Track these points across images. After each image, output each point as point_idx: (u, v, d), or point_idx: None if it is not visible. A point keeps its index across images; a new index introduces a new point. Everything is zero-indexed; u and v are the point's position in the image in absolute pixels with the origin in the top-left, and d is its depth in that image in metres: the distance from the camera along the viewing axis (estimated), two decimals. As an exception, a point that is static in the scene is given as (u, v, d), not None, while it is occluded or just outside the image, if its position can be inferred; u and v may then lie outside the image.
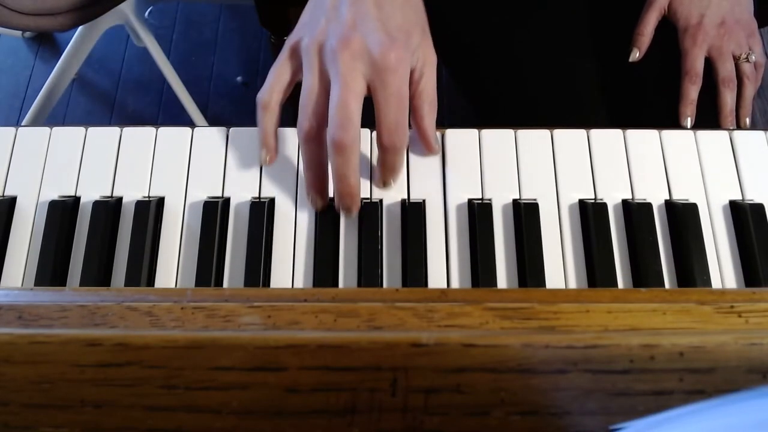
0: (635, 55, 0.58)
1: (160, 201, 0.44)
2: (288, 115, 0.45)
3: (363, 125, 0.42)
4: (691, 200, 0.44)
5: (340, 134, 0.38)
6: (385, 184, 0.44)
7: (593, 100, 0.60)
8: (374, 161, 0.45)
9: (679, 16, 0.57)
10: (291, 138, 0.46)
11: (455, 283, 0.42)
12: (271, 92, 0.42)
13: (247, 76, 1.35)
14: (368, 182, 0.45)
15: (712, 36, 0.56)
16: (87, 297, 0.32)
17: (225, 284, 0.42)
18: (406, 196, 0.45)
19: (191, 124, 0.46)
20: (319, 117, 0.40)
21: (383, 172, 0.43)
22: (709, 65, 0.57)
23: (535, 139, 0.46)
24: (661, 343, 0.27)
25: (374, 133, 0.46)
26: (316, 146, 0.41)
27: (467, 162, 0.45)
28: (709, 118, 0.56)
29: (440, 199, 0.44)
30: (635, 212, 0.44)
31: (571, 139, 0.46)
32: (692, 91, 0.55)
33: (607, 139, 0.46)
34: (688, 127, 0.55)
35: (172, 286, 0.42)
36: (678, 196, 0.45)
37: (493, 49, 0.63)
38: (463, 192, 0.45)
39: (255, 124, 0.45)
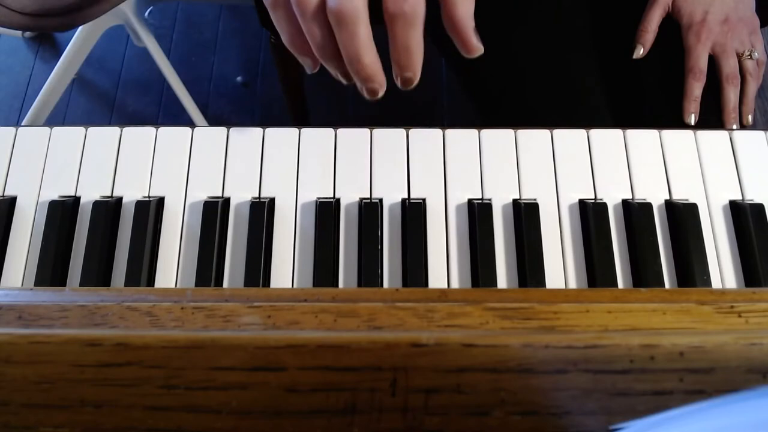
0: (639, 51, 0.58)
1: (160, 201, 0.44)
2: (287, 116, 0.45)
3: (363, 124, 0.42)
4: (691, 200, 0.44)
5: (339, 2, 0.32)
6: (402, 77, 0.36)
7: (595, 98, 0.60)
8: (374, 163, 0.45)
9: (683, 13, 0.57)
10: (291, 138, 0.46)
11: (455, 283, 0.42)
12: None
13: (247, 76, 1.35)
14: (368, 183, 0.45)
15: (715, 33, 0.56)
16: (87, 297, 0.32)
17: (225, 284, 0.42)
18: (406, 196, 0.45)
19: (191, 124, 0.46)
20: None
21: (396, 55, 0.35)
22: (712, 62, 0.57)
23: (535, 139, 0.46)
24: (661, 343, 0.27)
25: (374, 131, 0.46)
26: (317, 16, 0.34)
27: (467, 162, 0.45)
28: (712, 115, 0.56)
29: (440, 199, 0.44)
30: (635, 212, 0.44)
31: (571, 139, 0.46)
32: (696, 88, 0.55)
33: (607, 139, 0.46)
34: (692, 123, 0.55)
35: (172, 286, 0.42)
36: (678, 196, 0.45)
37: (494, 47, 0.63)
38: (463, 192, 0.45)
39: (255, 124, 0.45)
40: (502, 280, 0.42)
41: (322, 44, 0.35)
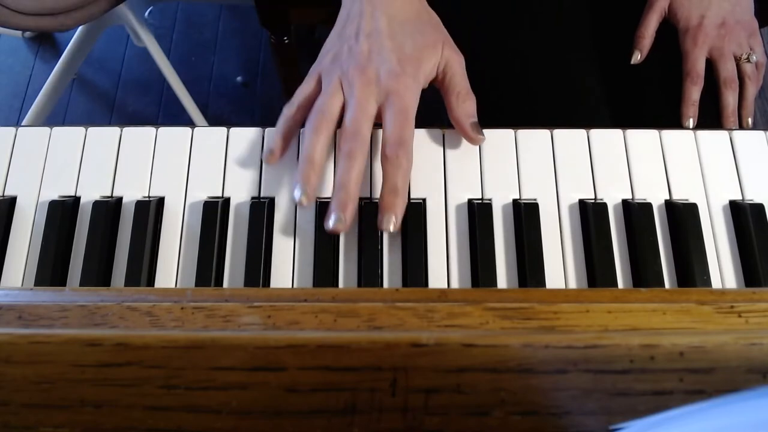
0: (637, 57, 0.58)
1: (160, 201, 0.44)
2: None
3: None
4: (691, 200, 0.44)
5: (351, 144, 0.42)
6: (386, 210, 0.41)
7: (594, 99, 0.60)
8: (374, 163, 0.45)
9: (680, 17, 0.57)
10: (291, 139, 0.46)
11: (455, 283, 0.42)
12: (296, 104, 0.46)
13: (247, 76, 1.35)
14: (368, 183, 0.45)
15: (712, 37, 0.56)
16: (87, 297, 0.32)
17: (225, 284, 0.42)
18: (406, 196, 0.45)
19: (191, 124, 0.46)
20: (333, 119, 0.44)
21: (385, 193, 0.42)
22: (711, 66, 0.57)
23: (535, 139, 0.46)
24: (661, 343, 0.27)
25: (374, 132, 0.46)
26: (324, 132, 0.44)
27: (467, 162, 0.45)
28: (710, 118, 0.56)
29: (440, 199, 0.44)
30: (635, 212, 0.44)
31: (571, 139, 0.46)
32: (694, 92, 0.55)
33: (607, 139, 0.46)
34: (690, 128, 0.54)
35: (172, 286, 0.42)
36: (678, 196, 0.45)
37: (494, 48, 0.63)
38: (463, 192, 0.45)
39: (255, 124, 0.45)
40: (502, 280, 0.42)
41: (317, 159, 0.43)
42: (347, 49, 0.45)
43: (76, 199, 0.44)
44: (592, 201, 0.44)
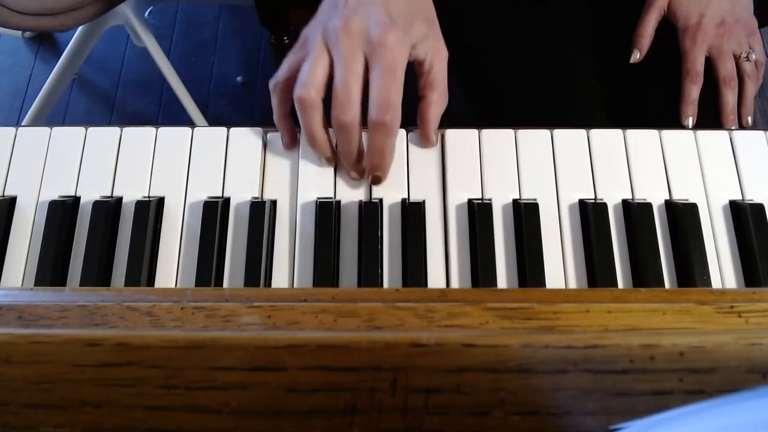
0: (636, 56, 0.58)
1: (160, 201, 0.44)
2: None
3: (363, 125, 0.42)
4: (691, 200, 0.44)
5: (342, 115, 0.40)
6: (373, 175, 0.44)
7: (594, 98, 0.60)
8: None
9: (679, 16, 0.57)
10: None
11: (455, 283, 0.42)
12: (281, 76, 0.44)
13: (247, 76, 1.35)
14: (368, 183, 0.45)
15: (711, 36, 0.56)
16: (87, 297, 0.32)
17: (225, 284, 0.42)
18: (406, 196, 0.45)
19: (191, 124, 0.46)
20: (318, 90, 0.41)
21: (371, 155, 0.43)
22: (710, 65, 0.57)
23: (535, 139, 0.46)
24: (661, 343, 0.27)
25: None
26: (313, 114, 0.42)
27: (467, 162, 0.45)
28: (710, 117, 0.56)
29: (440, 199, 0.44)
30: (635, 212, 0.44)
31: (571, 139, 0.46)
32: (693, 91, 0.55)
33: (607, 139, 0.46)
34: (690, 127, 0.54)
35: (172, 286, 0.42)
36: (678, 196, 0.45)
37: (493, 46, 0.63)
38: (463, 192, 0.45)
39: (255, 124, 0.45)
40: (502, 280, 0.42)
41: (317, 138, 0.43)
42: (331, 4, 0.42)
43: (76, 199, 0.44)
44: (592, 201, 0.44)
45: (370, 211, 0.43)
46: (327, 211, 0.43)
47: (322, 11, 0.44)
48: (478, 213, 0.43)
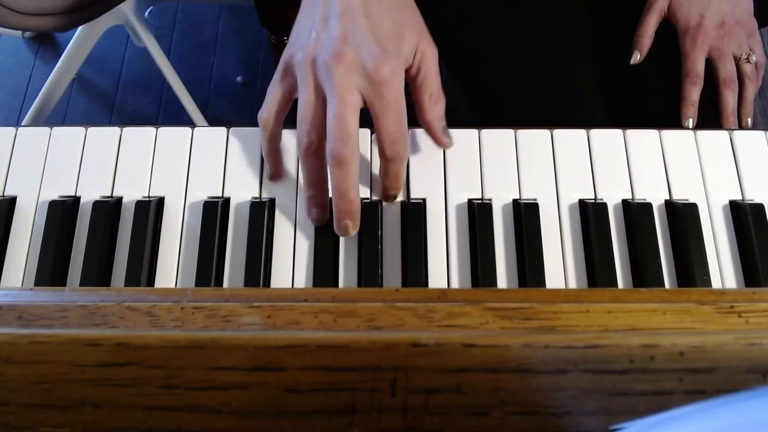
0: (636, 57, 0.58)
1: (160, 201, 0.44)
2: (287, 117, 0.45)
3: (363, 125, 0.42)
4: (691, 200, 0.44)
5: (339, 147, 0.39)
6: (389, 196, 0.44)
7: (594, 100, 0.60)
8: (375, 165, 0.45)
9: (679, 17, 0.57)
10: (290, 139, 0.46)
11: (455, 283, 0.42)
12: (270, 111, 0.43)
13: (247, 76, 1.35)
14: (368, 183, 0.45)
15: (712, 37, 0.56)
16: (87, 297, 0.32)
17: (225, 284, 0.42)
18: (406, 196, 0.45)
19: (191, 124, 0.46)
20: (318, 131, 0.40)
21: (387, 182, 0.43)
22: (710, 66, 0.57)
23: (535, 139, 0.46)
24: (661, 343, 0.27)
25: (374, 135, 0.46)
26: (316, 160, 0.41)
27: (467, 162, 0.45)
28: (710, 119, 0.56)
29: (440, 199, 0.44)
30: (635, 212, 0.44)
31: (571, 139, 0.46)
32: (693, 93, 0.55)
33: (607, 139, 0.46)
34: (690, 128, 0.54)
35: (172, 286, 0.42)
36: (678, 196, 0.45)
37: (493, 49, 0.63)
38: (463, 192, 0.45)
39: (255, 123, 0.45)
40: (502, 280, 0.42)
41: (312, 178, 0.42)
42: (317, 36, 0.40)
43: (76, 199, 0.44)
44: (592, 201, 0.44)
45: (370, 210, 0.43)
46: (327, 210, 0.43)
47: (298, 35, 0.42)
48: (478, 213, 0.43)
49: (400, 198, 0.44)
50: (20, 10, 0.75)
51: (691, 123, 0.55)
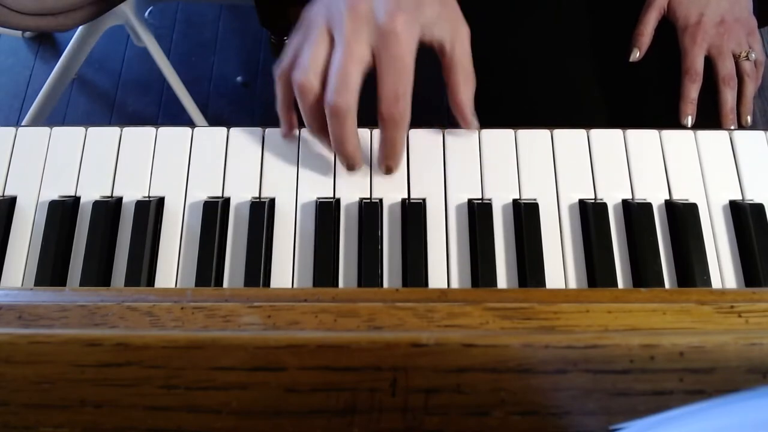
0: (635, 55, 0.58)
1: (160, 201, 0.44)
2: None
3: (363, 125, 0.42)
4: (691, 200, 0.44)
5: (335, 98, 0.38)
6: (386, 165, 0.43)
7: (593, 99, 0.60)
8: (374, 163, 0.45)
9: (679, 15, 0.57)
10: (291, 138, 0.46)
11: (455, 283, 0.42)
12: (286, 67, 0.42)
13: (247, 76, 1.35)
14: (368, 182, 0.45)
15: (711, 35, 0.56)
16: (87, 297, 0.32)
17: (225, 284, 0.42)
18: (406, 196, 0.45)
19: (191, 124, 0.46)
20: (320, 77, 0.40)
21: (383, 150, 0.42)
22: (709, 64, 0.57)
23: (535, 139, 0.46)
24: (661, 343, 0.27)
25: (374, 131, 0.46)
26: (317, 108, 0.41)
27: (467, 162, 0.45)
28: (709, 117, 0.56)
29: (440, 199, 0.44)
30: (635, 212, 0.44)
31: (571, 139, 0.46)
32: (693, 90, 0.55)
33: (607, 139, 0.46)
34: (689, 126, 0.55)
35: (172, 286, 0.42)
36: (678, 196, 0.45)
37: (493, 49, 0.63)
38: (463, 192, 0.45)
39: (255, 124, 0.45)
40: (502, 280, 0.42)
41: (316, 125, 0.42)
42: None
43: (76, 199, 0.44)
44: (592, 201, 0.44)
45: (370, 210, 0.43)
46: (327, 211, 0.43)
47: None
48: (478, 213, 0.43)
49: (400, 197, 0.44)
50: (20, 10, 0.75)
51: (690, 121, 0.55)
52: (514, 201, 0.44)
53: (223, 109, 1.32)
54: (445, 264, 0.43)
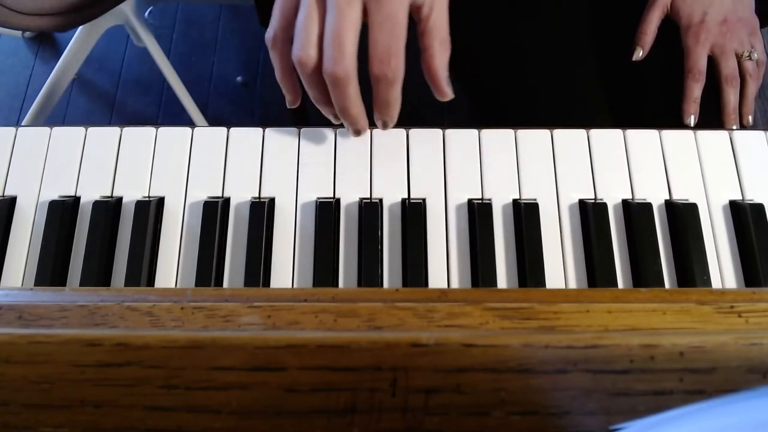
0: (638, 54, 0.58)
1: (160, 201, 0.44)
2: (287, 116, 0.45)
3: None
4: (691, 200, 0.44)
5: (333, 68, 0.37)
6: (382, 121, 0.43)
7: (594, 99, 0.60)
8: (374, 162, 0.45)
9: (682, 14, 0.57)
10: (291, 138, 0.46)
11: (455, 283, 0.42)
12: (275, 28, 0.41)
13: (247, 76, 1.35)
14: (368, 183, 0.45)
15: (714, 34, 0.56)
16: (87, 297, 0.32)
17: (225, 284, 0.42)
18: (406, 196, 0.45)
19: (191, 124, 0.46)
20: (316, 47, 0.39)
21: (377, 107, 0.42)
22: (712, 63, 0.57)
23: (535, 139, 0.46)
24: (661, 343, 0.27)
25: (374, 131, 0.46)
26: (317, 78, 0.40)
27: (467, 162, 0.45)
28: (712, 116, 0.56)
29: (440, 199, 0.44)
30: (635, 212, 0.44)
31: (571, 139, 0.46)
32: (695, 90, 0.55)
33: (607, 139, 0.46)
34: (692, 125, 0.55)
35: (172, 286, 0.42)
36: (678, 196, 0.45)
37: (493, 48, 0.63)
38: (463, 192, 0.45)
39: (255, 124, 0.45)
40: (502, 280, 0.42)
41: (319, 95, 0.41)
42: None
43: (76, 199, 0.44)
44: (592, 201, 0.44)
45: (370, 210, 0.43)
46: (327, 211, 0.43)
47: None
48: (478, 213, 0.43)
49: (400, 197, 0.44)
50: (20, 10, 0.75)
51: (692, 120, 0.55)
52: (514, 201, 0.44)
53: (223, 109, 1.32)
54: (445, 264, 0.43)
